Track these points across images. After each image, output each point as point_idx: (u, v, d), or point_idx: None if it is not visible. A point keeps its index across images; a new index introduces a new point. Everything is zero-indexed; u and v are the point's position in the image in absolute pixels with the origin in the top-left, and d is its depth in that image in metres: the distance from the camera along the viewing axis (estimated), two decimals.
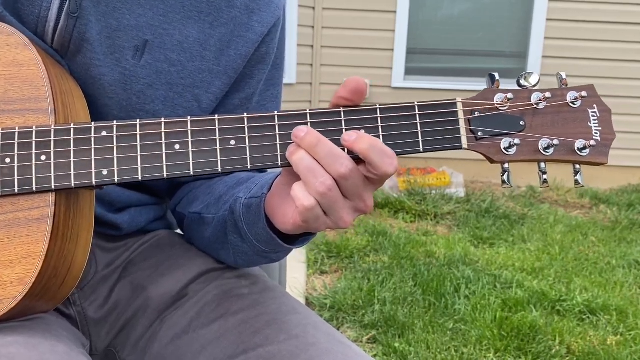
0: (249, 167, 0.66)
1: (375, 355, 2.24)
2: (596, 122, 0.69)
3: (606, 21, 4.99)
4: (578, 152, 0.68)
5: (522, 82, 0.69)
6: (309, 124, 0.66)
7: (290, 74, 4.86)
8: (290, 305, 0.83)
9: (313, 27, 5.02)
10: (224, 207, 0.80)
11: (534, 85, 0.69)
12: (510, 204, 4.34)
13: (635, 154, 4.82)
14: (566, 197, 4.56)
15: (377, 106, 0.67)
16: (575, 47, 5.01)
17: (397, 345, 2.28)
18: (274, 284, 0.90)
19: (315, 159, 0.63)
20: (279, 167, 0.67)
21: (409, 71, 5.18)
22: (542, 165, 0.69)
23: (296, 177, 0.68)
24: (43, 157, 0.66)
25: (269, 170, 0.82)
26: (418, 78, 5.17)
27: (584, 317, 2.60)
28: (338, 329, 2.43)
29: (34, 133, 0.67)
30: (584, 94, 0.69)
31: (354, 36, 5.04)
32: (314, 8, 4.99)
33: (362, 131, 0.66)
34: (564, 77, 0.70)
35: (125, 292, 0.88)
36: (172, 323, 0.84)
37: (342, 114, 0.67)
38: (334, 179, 0.63)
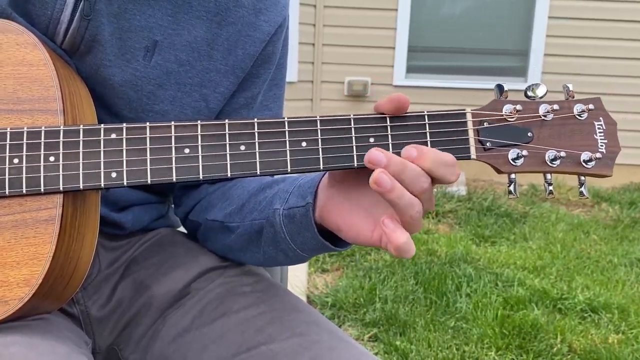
0: (258, 173, 0.66)
1: (376, 354, 2.25)
2: (602, 134, 0.69)
3: (608, 19, 4.99)
4: (584, 164, 0.68)
5: (530, 93, 0.69)
6: (319, 130, 0.66)
7: (291, 72, 4.86)
8: (293, 303, 0.84)
9: (314, 25, 5.02)
10: (250, 216, 0.80)
11: (542, 97, 0.69)
12: (512, 202, 4.34)
13: (637, 152, 4.82)
14: (568, 196, 4.56)
15: (387, 115, 0.67)
16: (577, 45, 5.01)
17: (398, 343, 2.28)
18: (277, 282, 0.90)
19: (397, 180, 0.63)
20: (288, 173, 0.67)
21: (411, 69, 5.18)
22: (548, 176, 0.69)
23: (346, 182, 0.69)
24: (52, 158, 0.66)
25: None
26: (419, 76, 5.17)
27: (586, 315, 2.60)
28: (339, 327, 2.43)
29: (42, 133, 0.66)
30: (590, 106, 0.69)
31: (355, 34, 5.04)
32: (315, 6, 4.98)
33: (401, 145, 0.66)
34: (570, 89, 0.70)
35: (127, 291, 0.88)
36: (175, 321, 0.84)
37: (352, 121, 0.66)
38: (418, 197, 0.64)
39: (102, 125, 0.67)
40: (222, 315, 0.81)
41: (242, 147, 0.66)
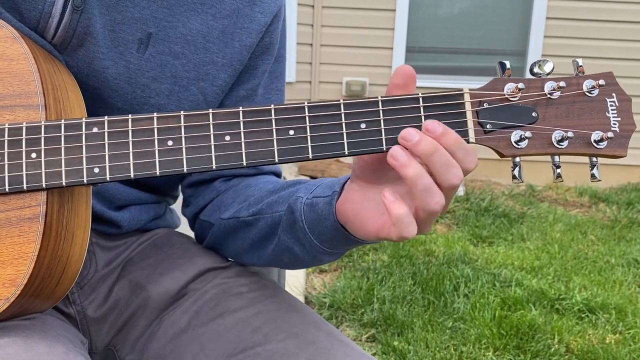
0: (244, 164, 0.64)
1: (374, 354, 2.24)
2: (615, 112, 0.64)
3: (605, 20, 4.99)
4: (594, 144, 0.63)
5: (536, 69, 0.64)
6: (307, 117, 0.63)
7: (289, 72, 4.85)
8: (290, 303, 0.83)
9: (312, 25, 5.02)
10: (272, 209, 0.78)
11: (548, 74, 0.64)
12: (510, 202, 4.34)
13: (634, 152, 4.82)
14: (565, 196, 4.56)
15: (379, 98, 0.63)
16: (574, 46, 5.01)
17: (396, 343, 2.28)
18: (274, 282, 0.90)
19: (427, 167, 0.59)
20: (275, 164, 0.65)
21: None
22: (556, 158, 0.65)
23: (371, 181, 0.66)
24: (33, 155, 0.64)
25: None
26: (417, 76, 5.13)
27: (583, 315, 2.60)
28: (337, 328, 2.43)
29: (24, 130, 0.65)
30: (601, 82, 0.64)
31: (354, 34, 5.04)
32: (313, 6, 4.98)
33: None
34: (580, 64, 0.65)
35: (124, 291, 0.88)
36: (171, 322, 0.84)
37: (342, 106, 0.63)
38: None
39: (84, 119, 0.66)
40: (219, 316, 0.81)
41: (227, 138, 0.64)
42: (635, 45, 5.01)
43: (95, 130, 0.65)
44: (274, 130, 0.64)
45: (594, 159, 0.65)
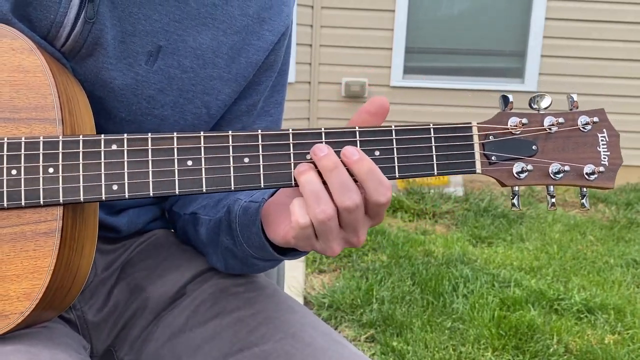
0: (262, 185, 0.65)
1: (373, 354, 2.25)
2: (605, 146, 0.70)
3: (604, 20, 5.00)
4: (586, 177, 0.69)
5: (534, 105, 0.69)
6: (323, 142, 0.65)
7: (289, 72, 4.85)
8: (287, 304, 0.84)
9: (312, 26, 5.02)
10: (223, 210, 0.80)
11: (546, 108, 0.69)
12: (509, 203, 4.34)
13: (634, 153, 4.83)
14: (564, 196, 4.56)
15: (393, 127, 0.66)
16: (574, 46, 5.02)
17: (395, 344, 2.28)
18: (271, 282, 0.90)
19: (325, 183, 0.62)
20: (292, 186, 0.66)
21: (408, 70, 5.18)
22: (551, 188, 0.70)
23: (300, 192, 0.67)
24: (51, 170, 0.64)
25: None
26: (416, 77, 5.17)
27: (582, 316, 2.60)
28: (336, 328, 2.44)
29: (41, 144, 0.64)
30: (595, 119, 0.69)
31: (353, 35, 5.04)
32: (312, 7, 4.98)
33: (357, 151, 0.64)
34: (575, 99, 0.70)
35: (123, 294, 0.88)
36: (169, 322, 0.84)
37: (358, 134, 0.66)
38: (336, 208, 0.62)
39: (103, 135, 0.65)
40: (216, 316, 0.81)
41: (246, 160, 0.65)
42: (636, 46, 5.01)
43: (114, 147, 0.65)
44: (292, 155, 0.65)
45: (584, 189, 0.70)
